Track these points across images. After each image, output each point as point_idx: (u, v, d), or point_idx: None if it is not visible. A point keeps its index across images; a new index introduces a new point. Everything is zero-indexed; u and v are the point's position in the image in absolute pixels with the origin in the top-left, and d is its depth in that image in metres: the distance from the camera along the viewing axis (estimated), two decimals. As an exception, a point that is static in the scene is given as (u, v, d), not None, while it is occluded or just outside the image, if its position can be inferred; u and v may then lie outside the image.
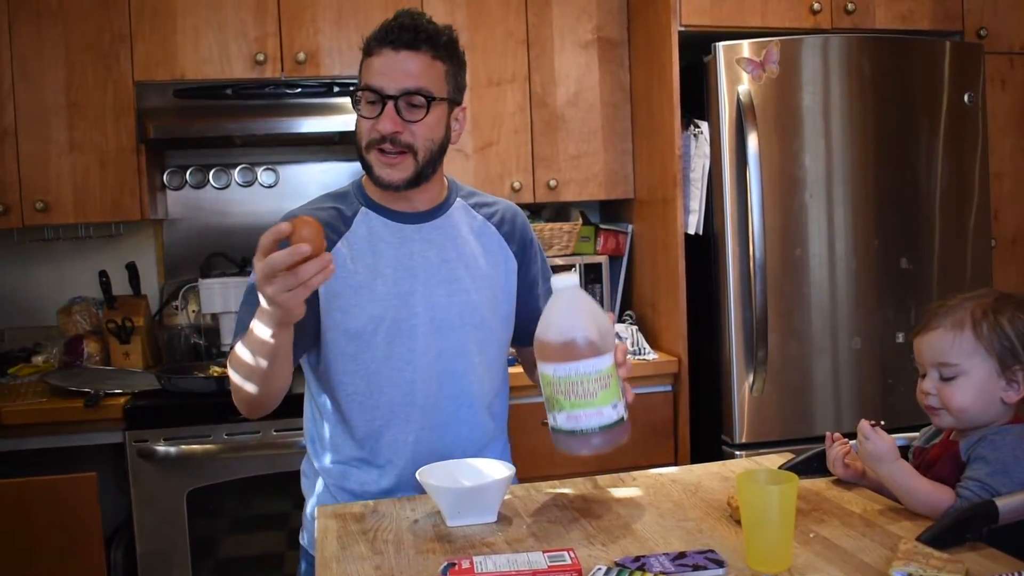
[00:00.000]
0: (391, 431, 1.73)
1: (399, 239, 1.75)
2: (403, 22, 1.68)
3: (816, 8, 3.03)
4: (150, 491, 2.72)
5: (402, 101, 1.66)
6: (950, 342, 1.57)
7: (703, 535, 1.41)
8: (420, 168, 1.71)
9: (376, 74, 1.68)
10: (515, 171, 3.28)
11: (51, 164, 3.02)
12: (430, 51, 1.69)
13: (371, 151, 1.69)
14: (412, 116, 1.68)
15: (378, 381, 1.72)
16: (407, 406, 1.73)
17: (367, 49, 1.71)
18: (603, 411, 1.47)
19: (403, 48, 1.67)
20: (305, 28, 3.13)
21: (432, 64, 1.69)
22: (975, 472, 1.47)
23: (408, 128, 1.68)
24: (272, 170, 3.48)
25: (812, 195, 2.92)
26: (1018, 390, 1.54)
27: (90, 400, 2.71)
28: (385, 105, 1.67)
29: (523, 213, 1.93)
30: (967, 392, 1.55)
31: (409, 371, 1.72)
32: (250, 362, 1.55)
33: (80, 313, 3.27)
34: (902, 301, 2.98)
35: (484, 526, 1.49)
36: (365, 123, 1.70)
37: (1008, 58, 3.24)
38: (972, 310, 1.57)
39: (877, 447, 1.51)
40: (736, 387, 2.90)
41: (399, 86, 1.66)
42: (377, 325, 1.70)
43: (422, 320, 1.73)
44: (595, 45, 3.33)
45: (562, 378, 1.45)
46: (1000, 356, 1.54)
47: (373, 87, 1.67)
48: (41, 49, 3.00)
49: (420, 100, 1.67)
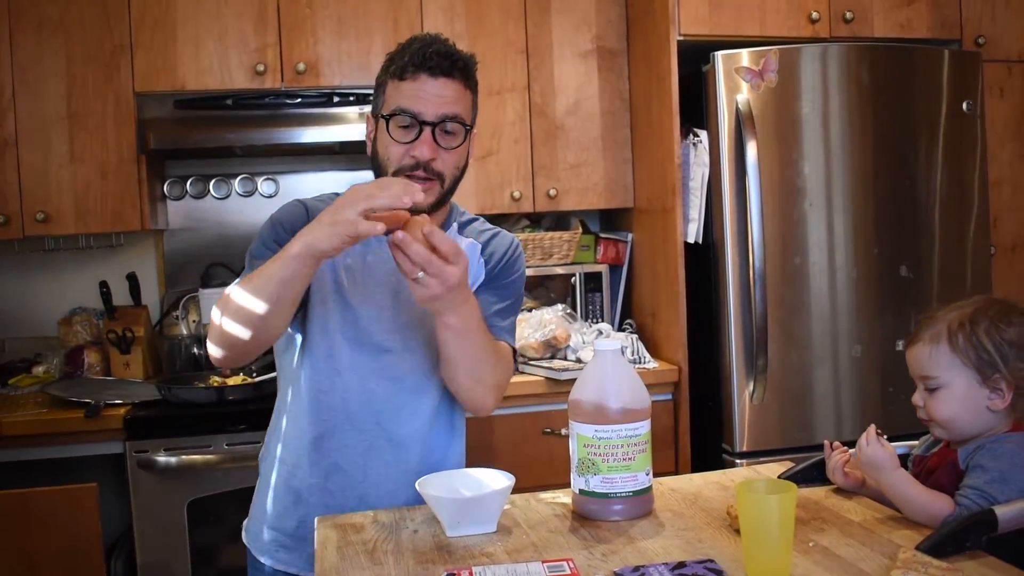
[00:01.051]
0: (340, 434, 1.74)
1: (388, 253, 1.75)
2: (439, 49, 1.67)
3: (815, 17, 3.04)
4: (150, 501, 2.72)
5: (439, 128, 1.67)
6: (927, 355, 1.58)
7: (703, 544, 1.41)
8: (443, 195, 1.73)
9: (412, 98, 1.66)
10: (515, 180, 3.29)
11: (52, 175, 3.03)
12: (463, 79, 1.70)
13: (399, 176, 1.69)
14: (447, 143, 1.69)
15: (339, 383, 1.74)
16: (358, 411, 1.74)
17: (398, 72, 1.69)
18: (638, 476, 1.52)
19: (441, 75, 1.67)
20: (305, 39, 3.14)
21: (464, 92, 1.71)
22: (974, 480, 1.47)
23: (441, 156, 1.68)
24: (272, 180, 3.48)
25: (811, 203, 2.92)
26: (1004, 398, 1.54)
27: (90, 411, 2.71)
28: (422, 131, 1.66)
29: (519, 244, 1.90)
30: (950, 404, 1.56)
31: (372, 379, 1.74)
32: (256, 296, 1.55)
33: (81, 323, 3.27)
34: (902, 309, 2.98)
35: (484, 536, 1.49)
36: (396, 148, 1.68)
37: (1006, 66, 3.25)
38: (950, 322, 1.57)
39: (876, 455, 1.51)
40: (736, 396, 2.90)
41: (438, 112, 1.66)
42: (355, 333, 1.73)
43: (395, 336, 1.74)
44: (594, 55, 3.34)
45: (603, 440, 1.49)
46: (978, 367, 1.54)
47: (410, 111, 1.66)
48: (42, 60, 3.01)
49: (456, 127, 1.69)
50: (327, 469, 1.75)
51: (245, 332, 1.59)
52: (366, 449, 1.75)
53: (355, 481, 1.75)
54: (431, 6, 3.21)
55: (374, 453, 1.75)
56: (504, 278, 1.85)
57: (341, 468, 1.75)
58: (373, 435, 1.75)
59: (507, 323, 1.83)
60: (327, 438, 1.75)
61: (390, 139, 1.69)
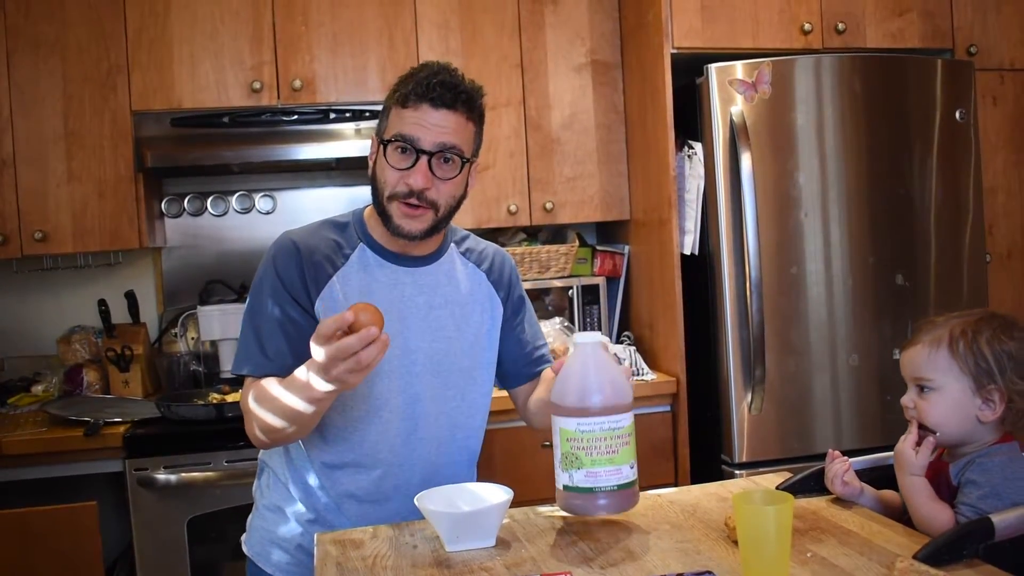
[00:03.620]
0: (354, 466, 1.75)
1: (391, 281, 1.77)
2: (443, 79, 1.68)
3: (807, 28, 3.06)
4: (150, 519, 2.72)
5: (436, 158, 1.68)
6: (926, 357, 1.59)
7: (701, 556, 1.41)
8: (437, 223, 1.74)
9: (412, 126, 1.68)
10: (511, 194, 3.30)
11: (50, 194, 3.04)
12: (465, 112, 1.71)
13: (393, 202, 1.70)
14: (444, 173, 1.70)
15: (354, 417, 1.74)
16: (374, 443, 1.74)
17: (401, 100, 1.70)
18: (622, 470, 1.50)
19: (443, 107, 1.68)
20: (301, 56, 3.16)
21: (466, 125, 1.72)
22: (967, 497, 1.49)
23: (436, 185, 1.69)
24: (270, 196, 3.49)
25: (807, 213, 2.93)
26: (994, 409, 1.55)
27: (90, 429, 2.71)
28: (418, 159, 1.67)
29: (512, 260, 1.95)
30: (941, 408, 1.56)
31: (385, 410, 1.74)
32: (294, 406, 1.56)
33: (79, 342, 3.27)
34: (899, 317, 2.99)
35: (483, 550, 1.49)
36: (392, 173, 1.69)
37: (999, 74, 3.27)
38: (952, 328, 1.59)
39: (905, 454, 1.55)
40: (735, 406, 2.90)
41: (436, 141, 1.67)
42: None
43: (403, 364, 1.75)
44: (589, 68, 3.36)
45: (585, 433, 1.48)
46: (975, 375, 1.55)
47: (409, 139, 1.67)
48: (39, 80, 3.02)
49: (453, 158, 1.70)
50: (339, 496, 1.76)
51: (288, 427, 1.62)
52: (379, 478, 1.75)
53: (367, 507, 1.75)
54: (426, 23, 3.23)
55: (387, 480, 1.76)
56: (521, 304, 1.93)
57: (354, 496, 1.76)
58: (386, 464, 1.75)
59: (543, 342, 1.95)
60: (340, 468, 1.75)
61: (387, 164, 1.70)
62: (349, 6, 3.19)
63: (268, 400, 1.62)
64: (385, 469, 1.75)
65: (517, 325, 1.92)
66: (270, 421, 1.61)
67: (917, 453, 1.54)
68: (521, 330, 1.93)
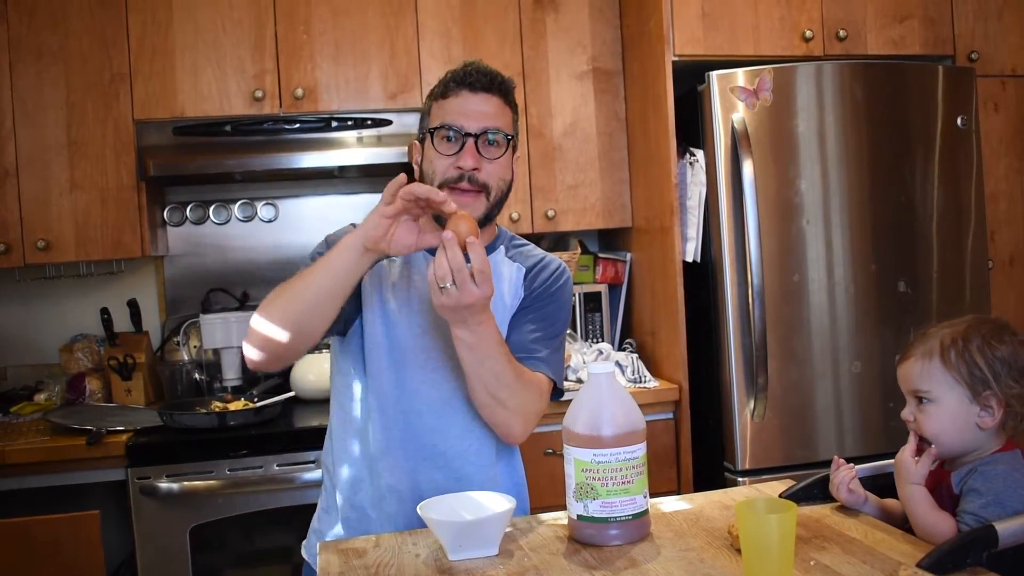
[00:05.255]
0: (393, 453, 1.75)
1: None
2: (479, 67, 1.77)
3: (808, 35, 3.06)
4: (153, 528, 2.72)
5: (481, 140, 1.73)
6: (919, 370, 1.59)
7: (704, 564, 1.41)
8: (490, 209, 1.77)
9: (455, 113, 1.74)
10: (513, 202, 3.30)
11: (52, 203, 3.04)
12: (502, 96, 1.78)
13: (444, 189, 1.72)
14: (491, 154, 1.75)
15: (389, 403, 1.75)
16: (408, 430, 1.75)
17: (441, 92, 1.78)
18: (637, 499, 1.51)
19: (481, 90, 1.75)
20: (303, 64, 3.17)
21: (504, 108, 1.79)
22: (969, 505, 1.48)
23: (484, 167, 1.73)
24: (272, 205, 3.50)
25: (809, 220, 2.93)
26: (994, 416, 1.54)
27: (92, 438, 2.71)
28: (465, 142, 1.72)
29: (568, 273, 1.88)
30: (940, 419, 1.56)
31: (418, 399, 1.75)
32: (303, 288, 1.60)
33: (82, 350, 3.28)
34: (901, 324, 2.98)
35: (486, 559, 1.49)
36: (442, 160, 1.74)
37: (1000, 81, 3.27)
38: (942, 338, 1.58)
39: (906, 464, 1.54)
40: (737, 413, 2.90)
41: (480, 124, 1.74)
42: (400, 354, 1.74)
43: (438, 356, 1.75)
44: (590, 76, 3.36)
45: (601, 464, 1.48)
46: (970, 383, 1.55)
47: (453, 125, 1.73)
48: (42, 89, 3.03)
49: (498, 138, 1.75)
50: (383, 489, 1.76)
51: (283, 333, 1.63)
52: (413, 468, 1.76)
53: (407, 500, 1.74)
54: (427, 31, 3.24)
55: (422, 473, 1.76)
56: (544, 304, 1.83)
57: (395, 488, 1.76)
58: (421, 455, 1.76)
59: (545, 353, 1.79)
60: (379, 458, 1.76)
61: (436, 153, 1.75)
62: (351, 15, 3.19)
63: (272, 300, 1.64)
64: (421, 461, 1.76)
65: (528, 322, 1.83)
66: (264, 324, 1.63)
67: (917, 462, 1.54)
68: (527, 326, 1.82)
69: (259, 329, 1.65)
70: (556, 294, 1.85)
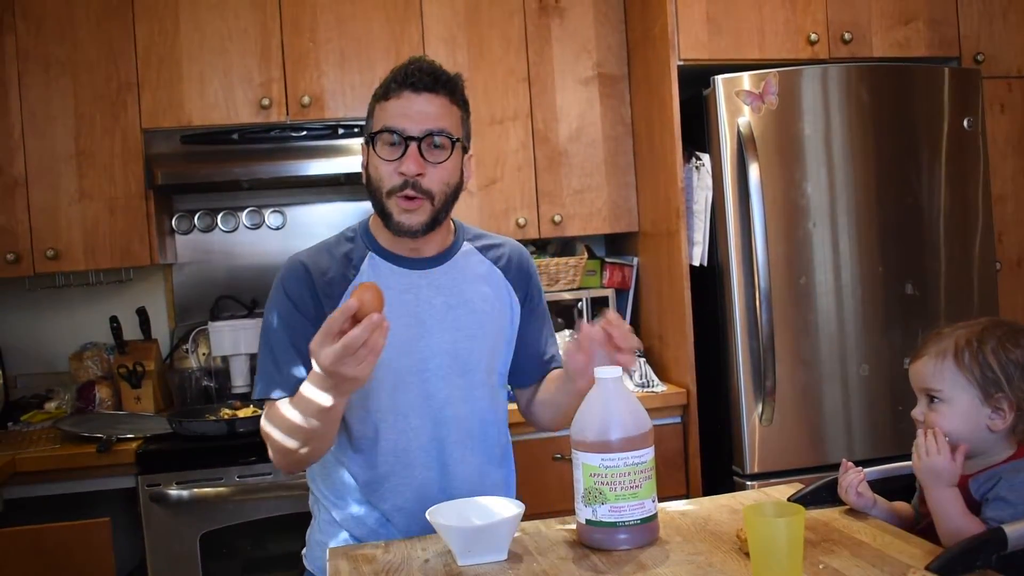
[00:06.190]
0: (395, 477, 1.75)
1: (405, 285, 1.76)
2: (421, 66, 1.69)
3: (813, 39, 3.06)
4: (163, 535, 2.73)
5: (424, 143, 1.67)
6: (932, 369, 1.58)
7: (713, 569, 1.41)
8: (436, 213, 1.71)
9: (396, 116, 1.67)
10: (520, 207, 3.31)
11: (61, 212, 3.06)
12: (448, 95, 1.70)
13: (391, 197, 1.69)
14: (435, 157, 1.68)
15: (384, 428, 1.74)
16: (408, 451, 1.74)
17: (383, 93, 1.71)
18: (645, 504, 1.52)
19: (424, 91, 1.67)
20: (309, 72, 3.18)
21: (450, 108, 1.71)
22: (998, 514, 1.46)
23: (429, 172, 1.67)
24: (279, 212, 3.51)
25: (815, 223, 2.93)
26: (1004, 418, 1.54)
27: (102, 445, 2.72)
28: (408, 147, 1.66)
29: (529, 254, 1.94)
30: (951, 419, 1.55)
31: (414, 416, 1.74)
32: (303, 424, 1.55)
33: (91, 359, 3.29)
34: (909, 327, 2.98)
35: (495, 564, 1.49)
36: (386, 167, 1.68)
37: (1006, 82, 3.26)
38: (957, 338, 1.58)
39: (941, 466, 1.49)
40: (745, 417, 2.89)
41: (422, 127, 1.67)
42: (384, 374, 1.70)
43: (427, 368, 1.74)
44: (595, 81, 3.37)
45: (610, 469, 1.49)
46: (982, 385, 1.54)
47: (394, 128, 1.67)
48: (50, 99, 3.05)
49: (443, 141, 1.68)
50: (386, 512, 1.76)
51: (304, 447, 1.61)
52: (420, 486, 1.75)
53: (415, 515, 1.72)
54: (433, 37, 3.25)
55: (429, 487, 1.75)
56: (536, 300, 1.91)
57: (400, 507, 1.75)
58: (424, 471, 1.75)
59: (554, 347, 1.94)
60: (382, 482, 1.75)
61: (379, 159, 1.69)
62: (356, 22, 3.21)
63: (279, 419, 1.62)
64: (424, 476, 1.75)
65: (533, 324, 1.91)
66: (283, 442, 1.61)
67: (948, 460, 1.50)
68: (537, 329, 1.92)
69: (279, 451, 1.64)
70: (536, 282, 1.93)
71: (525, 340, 1.89)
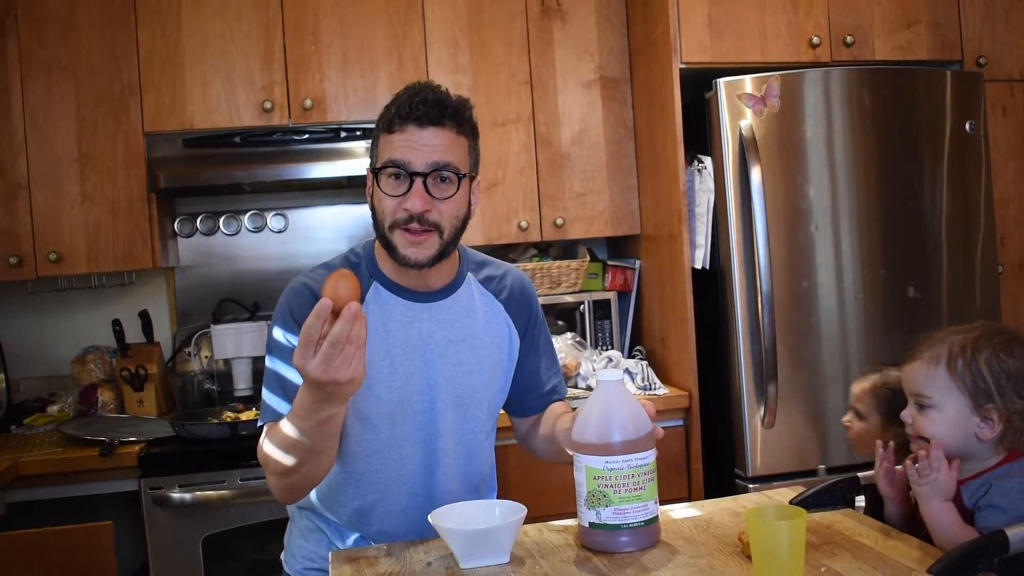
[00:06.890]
0: (382, 505, 1.75)
1: (409, 318, 1.73)
2: (426, 97, 1.62)
3: (815, 42, 3.07)
4: (166, 538, 2.73)
5: (431, 178, 1.62)
6: (924, 375, 1.58)
7: (715, 572, 1.41)
8: (444, 246, 1.66)
9: (401, 150, 1.62)
10: (522, 210, 3.31)
11: (63, 215, 3.06)
12: (454, 126, 1.64)
13: (395, 230, 1.64)
14: (441, 193, 1.63)
15: (378, 459, 1.73)
16: (399, 479, 1.74)
17: (387, 125, 1.65)
18: (648, 505, 1.52)
19: (429, 124, 1.61)
20: (311, 75, 3.18)
21: (457, 139, 1.65)
22: (991, 522, 1.46)
23: (436, 206, 1.63)
24: (282, 215, 3.51)
25: (818, 226, 2.93)
26: (993, 428, 1.52)
27: (105, 449, 2.72)
28: (413, 183, 1.61)
29: (531, 283, 1.90)
30: (939, 425, 1.55)
31: (407, 446, 1.73)
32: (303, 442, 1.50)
33: (94, 362, 3.29)
34: (911, 330, 2.98)
35: (497, 567, 1.49)
36: (390, 201, 1.63)
37: (1008, 85, 3.26)
38: (951, 345, 1.56)
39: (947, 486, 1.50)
40: (747, 420, 2.89)
41: (427, 162, 1.61)
42: (381, 407, 1.70)
43: (424, 401, 1.73)
44: (597, 84, 3.37)
45: (613, 471, 1.49)
46: (973, 395, 1.53)
47: (399, 162, 1.62)
48: (52, 103, 3.05)
49: (450, 176, 1.63)
50: (370, 535, 1.76)
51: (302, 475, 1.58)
52: (403, 512, 1.75)
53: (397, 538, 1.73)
54: (435, 40, 3.25)
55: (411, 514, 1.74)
56: (538, 331, 1.89)
57: (384, 532, 1.75)
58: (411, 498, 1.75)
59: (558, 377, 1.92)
60: (370, 509, 1.75)
61: (383, 193, 1.65)
62: (358, 25, 3.21)
63: (277, 435, 1.56)
64: (408, 503, 1.75)
65: (533, 357, 1.89)
66: (282, 460, 1.55)
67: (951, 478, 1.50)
68: (536, 361, 1.89)
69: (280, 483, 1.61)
70: (538, 313, 1.90)
71: (524, 373, 1.87)
